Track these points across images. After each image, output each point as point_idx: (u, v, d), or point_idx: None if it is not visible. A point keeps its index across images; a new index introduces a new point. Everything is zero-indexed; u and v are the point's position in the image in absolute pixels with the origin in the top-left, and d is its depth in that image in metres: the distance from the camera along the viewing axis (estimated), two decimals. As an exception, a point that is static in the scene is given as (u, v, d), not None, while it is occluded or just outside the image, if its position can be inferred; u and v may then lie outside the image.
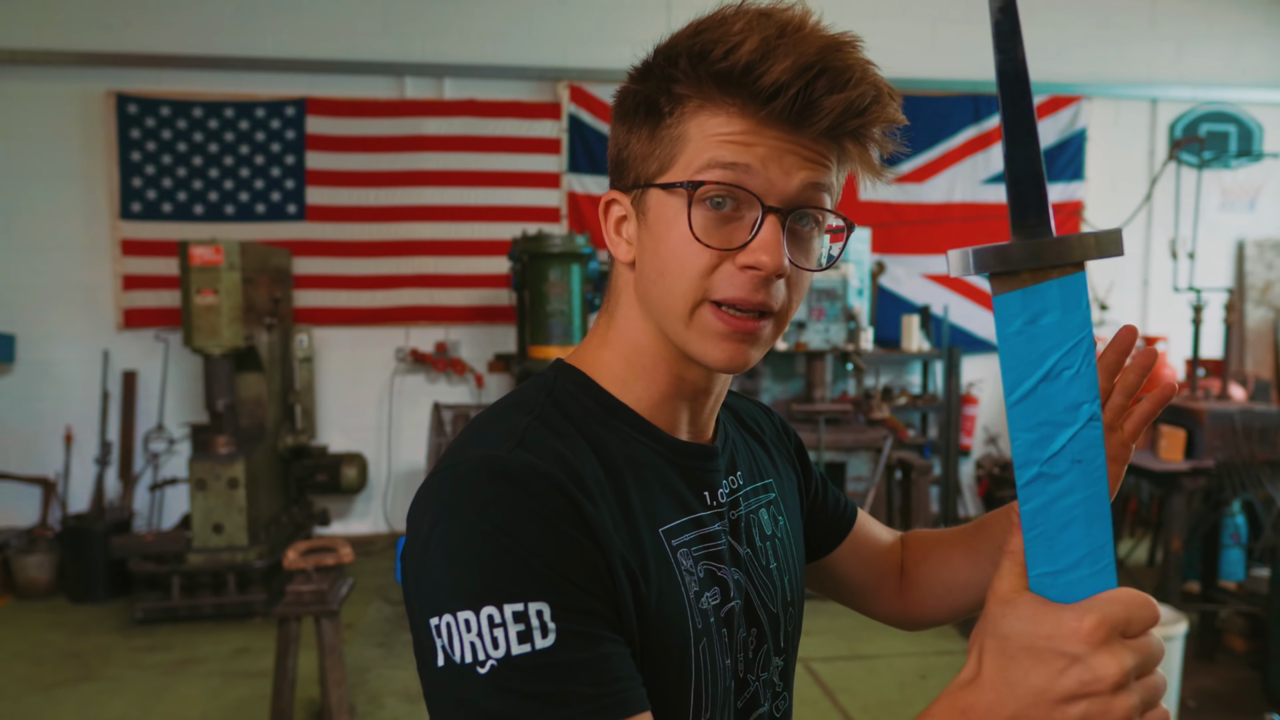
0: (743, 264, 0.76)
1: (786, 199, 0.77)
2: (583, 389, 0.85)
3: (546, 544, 0.71)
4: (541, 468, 0.74)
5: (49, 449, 6.18)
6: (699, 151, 0.76)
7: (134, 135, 6.13)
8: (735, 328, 0.77)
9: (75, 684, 4.24)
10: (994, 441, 7.13)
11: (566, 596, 0.70)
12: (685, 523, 0.83)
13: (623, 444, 0.83)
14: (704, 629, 0.81)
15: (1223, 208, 7.32)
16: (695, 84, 0.76)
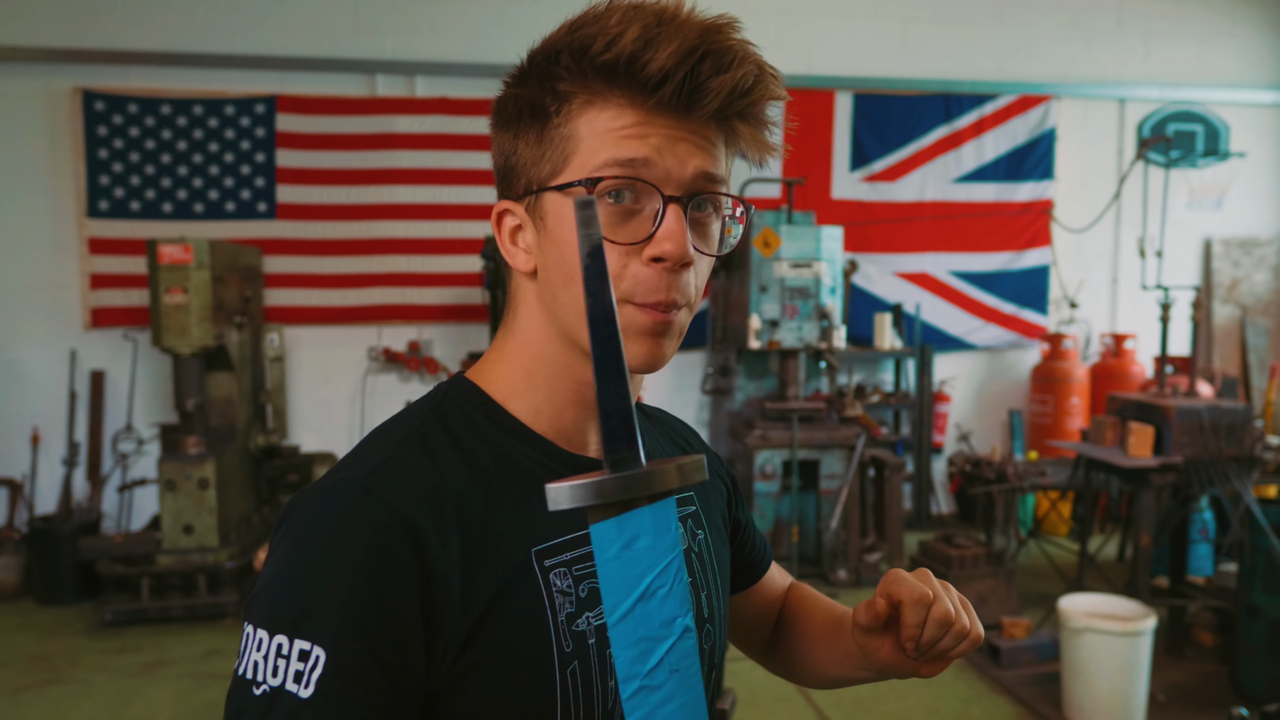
0: (649, 255, 0.75)
1: (684, 186, 0.76)
2: (473, 403, 0.84)
3: (360, 595, 0.70)
4: (389, 504, 0.73)
5: (15, 450, 6.09)
6: (594, 150, 0.76)
7: (101, 132, 6.05)
8: (653, 323, 0.76)
9: (43, 687, 4.18)
10: (966, 439, 7.19)
11: (351, 649, 0.69)
12: (568, 540, 0.80)
13: (505, 459, 0.81)
14: (574, 652, 0.77)
15: (1190, 206, 7.41)
16: (580, 80, 0.76)
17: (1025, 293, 7.18)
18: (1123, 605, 3.77)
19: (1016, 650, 4.27)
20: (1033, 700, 3.95)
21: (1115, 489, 5.30)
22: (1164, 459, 4.40)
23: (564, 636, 0.77)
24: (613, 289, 0.69)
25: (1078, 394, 6.87)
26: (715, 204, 0.80)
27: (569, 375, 0.82)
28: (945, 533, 5.06)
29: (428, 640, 0.72)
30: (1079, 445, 5.00)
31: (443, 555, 0.73)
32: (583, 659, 0.78)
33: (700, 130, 0.77)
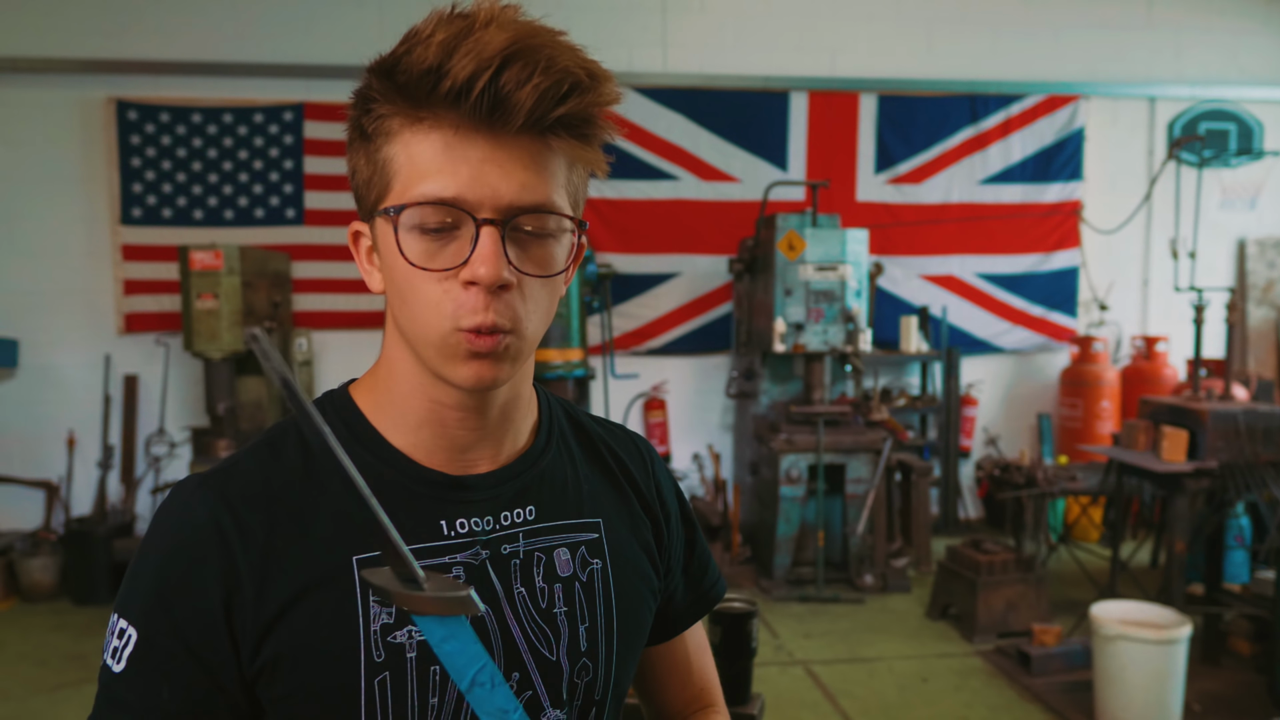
0: (465, 279, 0.73)
1: (500, 209, 0.73)
2: (341, 414, 0.85)
3: (171, 575, 0.77)
4: (216, 493, 0.79)
5: (52, 453, 6.20)
6: (409, 180, 0.74)
7: (134, 141, 6.15)
8: (475, 346, 0.74)
9: (78, 686, 4.24)
10: (994, 443, 7.13)
11: (159, 630, 0.76)
12: None
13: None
14: (386, 662, 0.77)
15: (1223, 206, 7.31)
16: (389, 101, 0.74)
17: (1054, 295, 7.11)
18: (1157, 612, 3.72)
19: (1047, 658, 4.22)
20: (1064, 708, 3.91)
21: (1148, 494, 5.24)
22: (1198, 464, 4.33)
23: (376, 645, 0.77)
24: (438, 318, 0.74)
25: (1108, 397, 6.79)
26: (546, 224, 0.76)
27: (423, 393, 0.81)
28: (973, 538, 5.02)
29: (230, 629, 0.76)
30: (1110, 449, 4.95)
31: (244, 555, 0.77)
32: (396, 670, 0.78)
33: (516, 147, 0.73)
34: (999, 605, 4.68)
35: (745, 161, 6.64)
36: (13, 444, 6.15)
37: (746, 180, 6.61)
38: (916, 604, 5.25)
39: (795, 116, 6.72)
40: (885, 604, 5.26)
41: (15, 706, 4.04)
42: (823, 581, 5.39)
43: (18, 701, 4.09)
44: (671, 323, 6.66)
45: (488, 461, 0.85)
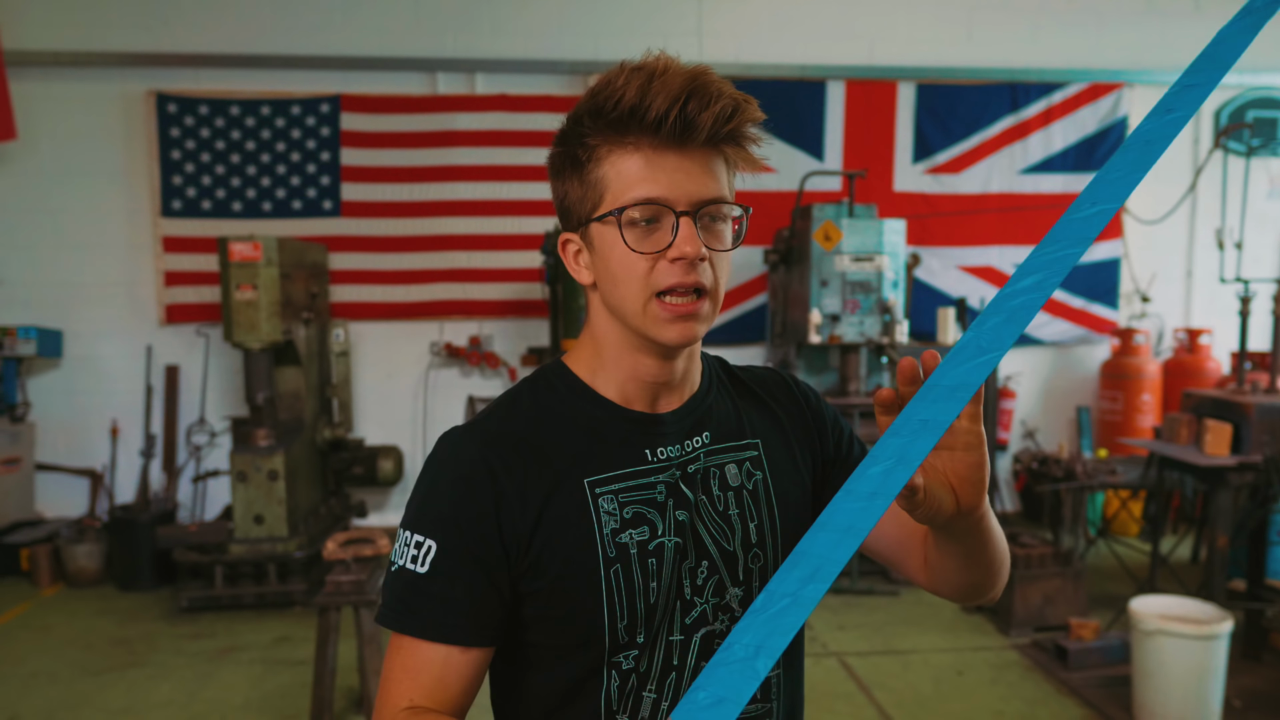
0: (672, 257, 0.98)
1: (692, 203, 0.99)
2: (559, 377, 1.12)
3: (455, 498, 1.02)
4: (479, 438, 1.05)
5: (96, 441, 6.32)
6: (620, 190, 0.99)
7: (174, 134, 6.23)
8: (678, 312, 1.00)
9: (123, 670, 4.34)
10: (1032, 436, 7.05)
11: (452, 540, 1.01)
12: (614, 475, 1.06)
13: (576, 415, 1.08)
14: (617, 556, 1.03)
15: (1271, 196, 7.15)
16: (599, 133, 0.99)
17: (1095, 287, 7.00)
18: (1197, 608, 3.66)
19: (1085, 652, 4.18)
20: (1101, 703, 3.86)
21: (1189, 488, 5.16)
22: (1242, 458, 4.26)
23: (608, 544, 1.03)
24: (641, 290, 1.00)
25: (1149, 390, 6.68)
26: (721, 212, 1.02)
27: (629, 356, 1.08)
28: (1010, 531, 4.97)
29: (503, 539, 1.02)
30: (1152, 443, 4.87)
31: (508, 481, 1.03)
32: (624, 563, 1.03)
33: (698, 157, 0.99)
34: (1036, 599, 4.63)
35: (781, 151, 6.60)
36: (58, 433, 6.29)
37: (783, 170, 6.56)
38: (952, 597, 5.21)
39: (832, 106, 6.67)
40: (920, 597, 5.23)
41: (62, 689, 4.14)
42: (857, 574, 5.36)
43: (65, 684, 4.19)
44: (705, 313, 6.63)
45: (673, 402, 1.11)
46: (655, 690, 1.05)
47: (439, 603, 1.01)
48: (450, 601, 1.01)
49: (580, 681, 1.05)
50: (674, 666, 1.06)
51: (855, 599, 5.20)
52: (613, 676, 1.05)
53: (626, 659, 1.05)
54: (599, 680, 1.04)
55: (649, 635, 1.05)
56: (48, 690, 4.13)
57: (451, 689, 1.01)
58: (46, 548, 5.57)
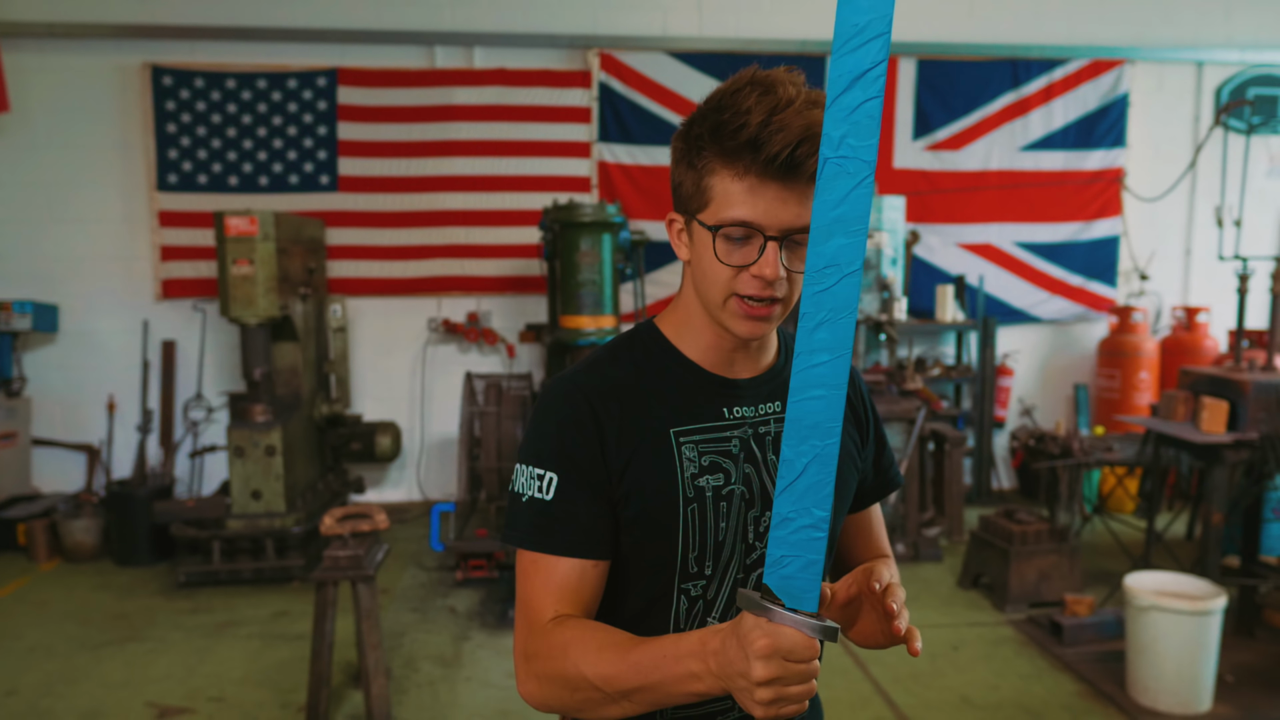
0: (754, 274, 1.13)
1: (781, 229, 1.12)
2: (651, 337, 1.28)
3: (567, 436, 1.19)
4: (583, 387, 1.21)
5: (93, 417, 6.32)
6: (722, 205, 1.12)
7: (169, 107, 6.19)
8: (751, 313, 1.16)
9: (121, 644, 4.35)
10: (1029, 413, 7.06)
11: (569, 471, 1.18)
12: (697, 427, 1.22)
13: (664, 373, 1.24)
14: (694, 497, 1.19)
15: (1270, 174, 7.13)
16: (716, 151, 1.12)
17: (1093, 264, 6.99)
18: (1191, 584, 3.68)
19: (1079, 628, 4.20)
20: (1096, 678, 3.89)
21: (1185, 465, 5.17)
22: (1238, 435, 4.26)
23: (687, 486, 1.19)
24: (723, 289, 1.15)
25: (1147, 368, 6.69)
26: (804, 240, 1.13)
27: (710, 328, 1.23)
28: (1007, 508, 4.99)
29: (606, 469, 1.19)
30: (1148, 420, 4.88)
31: (608, 422, 1.19)
32: (700, 504, 1.20)
33: (796, 189, 1.10)
34: (1031, 575, 4.66)
35: (779, 127, 6.55)
36: (54, 408, 6.28)
37: (780, 146, 6.52)
38: (948, 573, 5.24)
39: (831, 81, 6.62)
40: (917, 573, 5.25)
41: (60, 663, 4.16)
42: (853, 550, 5.38)
43: (63, 658, 4.20)
44: (703, 290, 6.62)
45: (749, 371, 1.27)
46: (718, 618, 1.23)
47: (569, 523, 1.17)
48: (578, 522, 1.17)
49: (655, 599, 1.22)
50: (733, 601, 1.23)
51: (851, 575, 5.22)
52: (681, 600, 1.22)
53: (695, 586, 1.22)
54: (670, 600, 1.22)
55: (716, 569, 1.22)
56: (46, 664, 4.15)
57: (585, 598, 1.18)
58: (44, 523, 5.57)
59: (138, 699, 3.80)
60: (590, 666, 1.08)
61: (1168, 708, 3.59)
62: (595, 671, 1.08)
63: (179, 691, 3.87)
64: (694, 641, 1.02)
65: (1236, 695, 3.73)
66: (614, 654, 1.08)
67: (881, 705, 3.73)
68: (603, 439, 1.19)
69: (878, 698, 3.79)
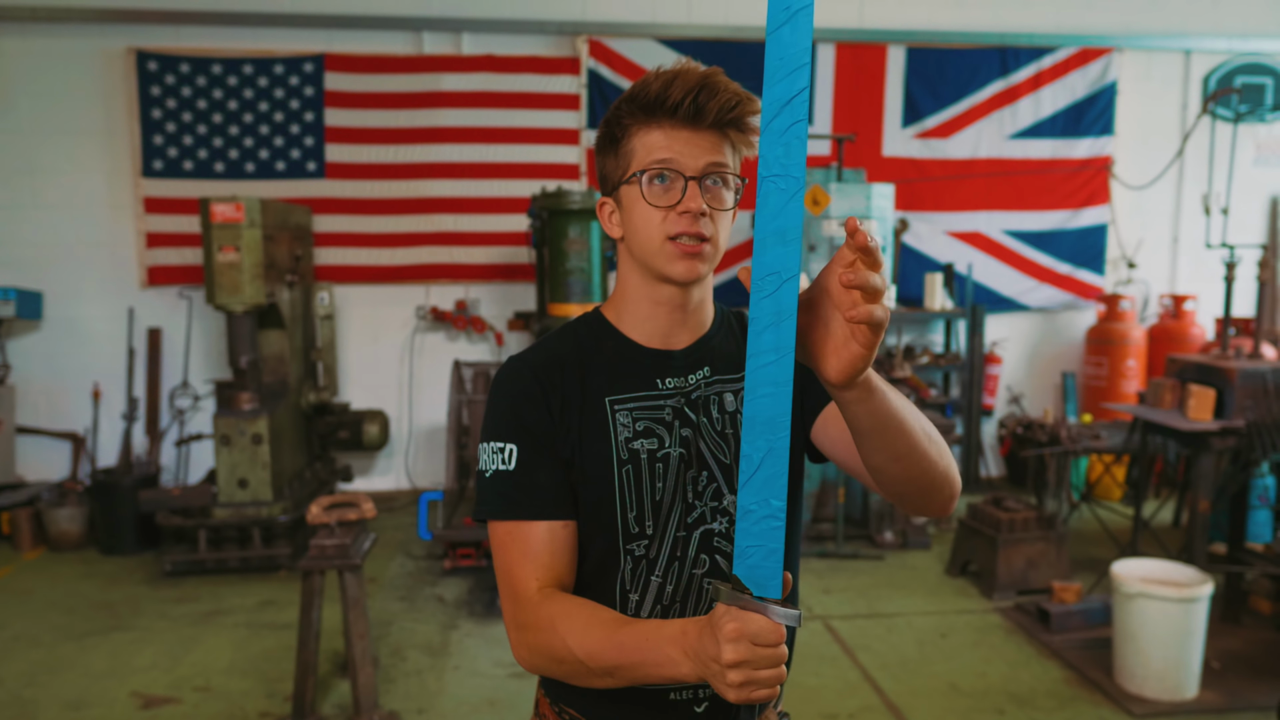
0: (680, 210, 1.23)
1: (698, 169, 1.23)
2: (594, 318, 1.38)
3: (520, 408, 1.28)
4: (530, 362, 1.31)
5: (78, 405, 6.27)
6: (643, 156, 1.25)
7: (154, 92, 6.12)
8: (685, 250, 1.24)
9: (106, 633, 4.33)
10: (1017, 401, 7.08)
11: (526, 440, 1.27)
12: (630, 396, 1.30)
13: (602, 349, 1.33)
14: (628, 459, 1.27)
15: (1257, 162, 7.15)
16: (631, 115, 1.26)
17: (1081, 252, 7.00)
18: (1178, 571, 3.70)
19: (1067, 615, 4.22)
20: (1083, 665, 3.91)
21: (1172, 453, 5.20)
22: (1225, 423, 4.28)
23: (622, 449, 1.28)
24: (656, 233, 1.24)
25: (1134, 356, 6.71)
26: (722, 179, 1.26)
27: (647, 298, 1.32)
28: (995, 495, 5.00)
29: (556, 434, 1.27)
30: (1136, 408, 4.89)
31: (552, 391, 1.29)
32: (635, 465, 1.28)
33: (706, 136, 1.24)
34: (1019, 562, 4.67)
35: (769, 115, 6.52)
36: (39, 396, 6.23)
37: (770, 134, 6.49)
38: (936, 561, 5.25)
39: (821, 69, 6.61)
40: (905, 560, 5.27)
41: (45, 653, 4.13)
42: (842, 538, 5.39)
43: (47, 648, 4.18)
44: (692, 278, 6.61)
45: (684, 340, 1.34)
46: (661, 575, 1.29)
47: (534, 488, 1.25)
48: (541, 486, 1.25)
49: (603, 560, 1.28)
50: (677, 557, 1.29)
51: (840, 563, 5.24)
52: (627, 560, 1.28)
53: (638, 546, 1.28)
54: (616, 561, 1.28)
55: (656, 527, 1.28)
56: (29, 654, 4.12)
57: (560, 560, 1.25)
58: (28, 511, 5.53)
59: (123, 688, 3.78)
60: (577, 643, 1.15)
61: (1154, 694, 3.61)
62: (582, 648, 1.15)
63: (164, 681, 3.85)
64: (676, 629, 1.08)
65: (1223, 682, 3.75)
66: (601, 632, 1.14)
67: (869, 692, 3.74)
68: (549, 406, 1.28)
69: (865, 685, 3.79)
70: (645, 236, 1.26)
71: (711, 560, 1.30)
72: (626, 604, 1.29)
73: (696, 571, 1.30)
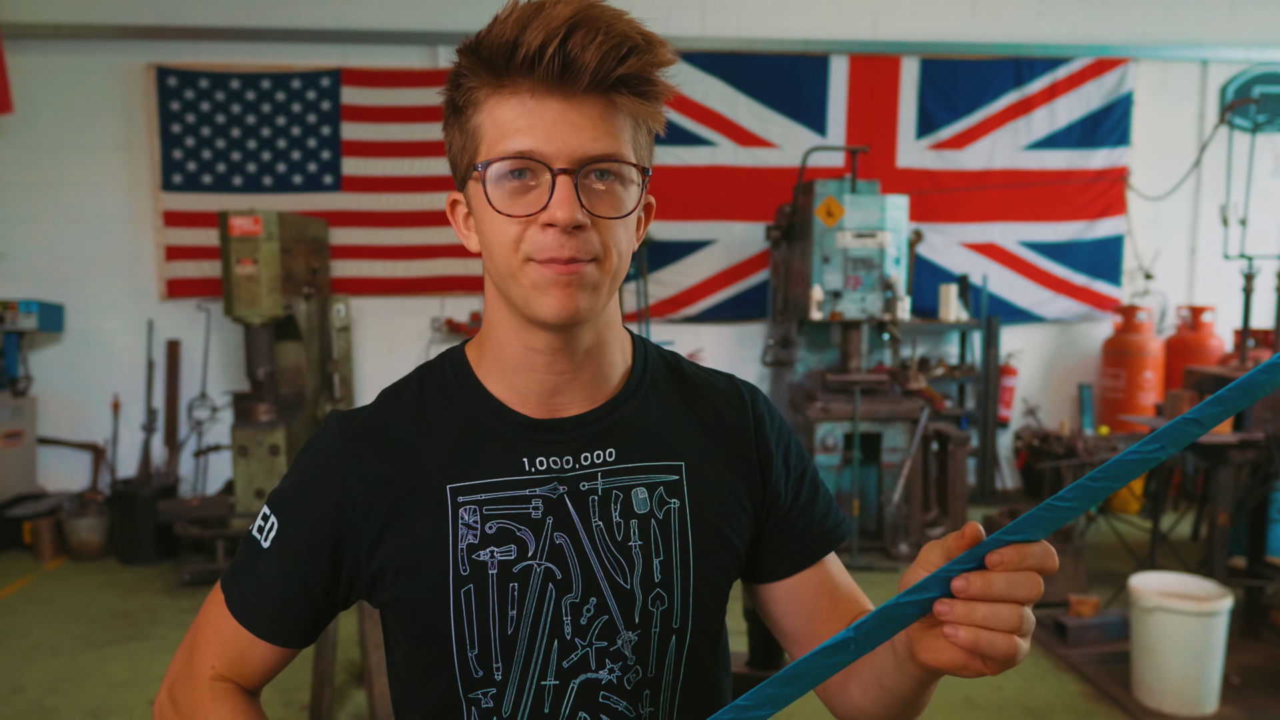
0: (543, 222, 0.83)
1: (573, 160, 0.82)
2: (451, 365, 0.99)
3: (307, 485, 0.96)
4: (351, 427, 0.97)
5: (98, 416, 6.33)
6: (493, 141, 0.84)
7: (174, 108, 6.20)
8: (557, 271, 0.83)
9: (126, 643, 4.36)
10: (1033, 413, 7.04)
11: (296, 529, 0.95)
12: (484, 484, 0.92)
13: (454, 410, 0.96)
14: (471, 576, 0.91)
15: (1275, 172, 7.11)
16: (475, 75, 0.84)
17: (1098, 263, 6.97)
18: (1197, 585, 3.67)
19: (1084, 628, 4.19)
20: (1100, 679, 3.88)
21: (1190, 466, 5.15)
22: (1244, 435, 4.25)
23: (462, 561, 0.91)
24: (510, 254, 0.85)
25: (1151, 368, 6.67)
26: (615, 172, 0.85)
27: (517, 340, 0.92)
28: (1010, 508, 4.98)
29: (335, 544, 0.94)
30: (1153, 420, 4.87)
31: (358, 481, 0.94)
32: (479, 584, 0.91)
33: (586, 106, 0.82)
34: (1036, 576, 4.64)
35: (783, 127, 6.55)
36: (60, 407, 6.29)
37: (785, 146, 6.52)
38: (951, 574, 5.22)
39: (835, 81, 6.62)
40: (920, 573, 5.24)
41: (65, 661, 4.16)
42: (857, 550, 5.38)
43: (67, 657, 4.21)
44: (707, 290, 6.63)
45: (577, 405, 0.95)
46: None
47: (259, 587, 0.97)
48: (267, 591, 0.96)
49: (441, 709, 0.94)
50: (544, 715, 0.92)
51: (855, 575, 5.21)
52: (472, 712, 0.93)
53: (485, 697, 0.93)
54: (459, 713, 0.94)
55: (510, 673, 0.92)
56: (50, 662, 4.16)
57: (250, 669, 0.99)
58: (49, 521, 5.59)
59: (142, 697, 3.81)
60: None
61: (1173, 709, 3.58)
62: None
63: (183, 691, 3.87)
64: None
65: (1242, 697, 3.71)
66: None
67: (885, 705, 3.72)
68: (343, 503, 0.94)
69: (881, 698, 3.77)
70: (498, 252, 0.86)
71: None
72: None
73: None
